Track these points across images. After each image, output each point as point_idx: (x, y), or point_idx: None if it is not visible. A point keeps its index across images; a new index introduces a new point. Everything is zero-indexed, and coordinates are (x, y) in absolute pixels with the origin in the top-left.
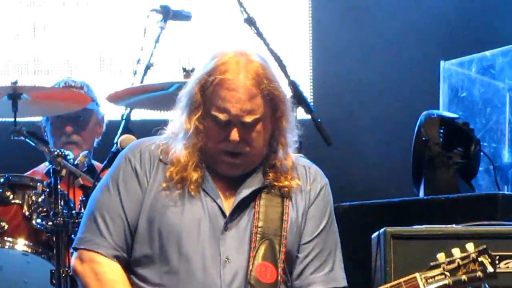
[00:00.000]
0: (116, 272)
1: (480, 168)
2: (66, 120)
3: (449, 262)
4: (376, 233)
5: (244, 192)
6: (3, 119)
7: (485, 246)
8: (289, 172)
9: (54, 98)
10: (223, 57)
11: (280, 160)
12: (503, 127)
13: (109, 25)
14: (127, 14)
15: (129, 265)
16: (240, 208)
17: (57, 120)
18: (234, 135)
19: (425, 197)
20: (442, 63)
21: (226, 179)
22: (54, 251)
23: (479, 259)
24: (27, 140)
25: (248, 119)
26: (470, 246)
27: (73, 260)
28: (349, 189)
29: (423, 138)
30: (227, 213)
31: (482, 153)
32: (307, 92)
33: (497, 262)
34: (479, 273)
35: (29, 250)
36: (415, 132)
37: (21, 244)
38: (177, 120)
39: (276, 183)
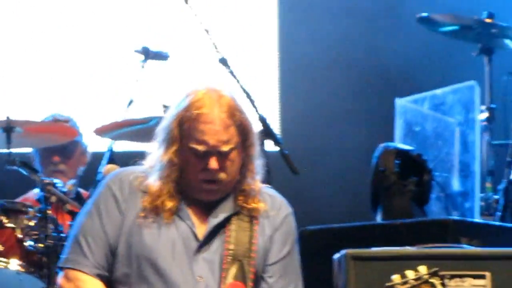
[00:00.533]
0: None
1: (432, 195)
2: (54, 151)
3: (403, 283)
4: (337, 255)
5: (218, 218)
6: None
7: (436, 269)
8: (257, 196)
9: (44, 131)
10: (197, 94)
11: (249, 185)
12: (452, 158)
13: (94, 63)
14: (110, 54)
15: (111, 283)
16: (213, 232)
17: (45, 151)
18: (213, 164)
19: (382, 222)
20: (397, 100)
21: (199, 205)
22: (45, 270)
23: (430, 280)
24: (19, 169)
25: (225, 148)
26: (422, 269)
27: (59, 279)
28: (314, 215)
29: (380, 169)
30: (200, 237)
31: (434, 182)
32: (276, 126)
33: (447, 280)
34: None
35: (22, 270)
36: (373, 163)
37: (15, 264)
38: (155, 153)
39: (245, 205)
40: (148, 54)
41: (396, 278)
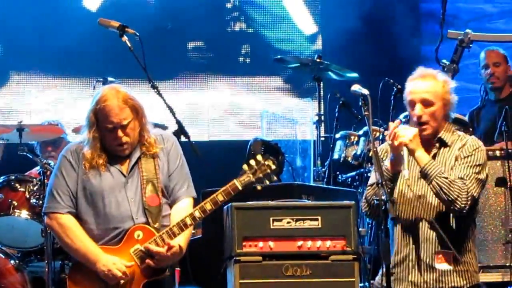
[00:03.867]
0: (71, 220)
1: (284, 169)
2: (48, 143)
3: (250, 169)
4: (226, 206)
5: (132, 161)
6: (13, 142)
7: (268, 155)
8: (152, 144)
9: (42, 131)
10: (102, 92)
11: (146, 139)
12: (296, 145)
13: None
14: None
15: (77, 215)
16: (132, 169)
17: (43, 143)
18: (120, 134)
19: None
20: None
21: (120, 157)
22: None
23: (266, 162)
24: (27, 154)
25: (125, 122)
26: (259, 157)
27: (45, 220)
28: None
29: (252, 152)
30: (125, 173)
31: (285, 160)
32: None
33: (291, 221)
34: (268, 170)
35: (29, 217)
36: (248, 149)
37: (25, 214)
38: (84, 133)
39: (147, 152)
40: (106, 83)
41: (245, 167)
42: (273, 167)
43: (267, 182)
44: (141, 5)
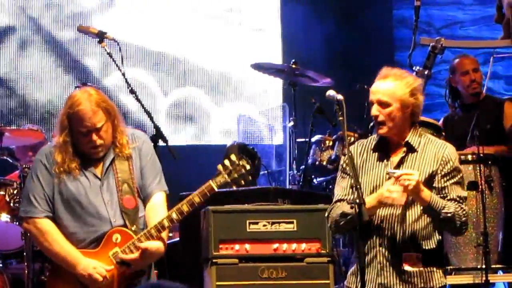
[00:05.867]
0: (49, 224)
1: (261, 173)
2: (29, 148)
3: (225, 169)
4: (203, 209)
5: (107, 162)
6: None
7: (242, 155)
8: (125, 145)
9: (22, 135)
10: (75, 96)
11: (119, 140)
12: (272, 150)
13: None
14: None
15: (55, 219)
16: (107, 171)
17: (24, 147)
18: (94, 137)
19: (232, 189)
20: (239, 114)
21: (94, 159)
22: None
23: (241, 162)
24: (7, 158)
25: (99, 125)
26: (233, 157)
27: (23, 225)
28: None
29: (228, 156)
30: (100, 176)
31: (262, 165)
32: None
33: (267, 223)
34: (243, 170)
35: (9, 220)
36: (225, 153)
37: (4, 217)
38: (56, 137)
39: (120, 153)
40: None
41: (219, 167)
42: (248, 167)
43: (242, 183)
44: None
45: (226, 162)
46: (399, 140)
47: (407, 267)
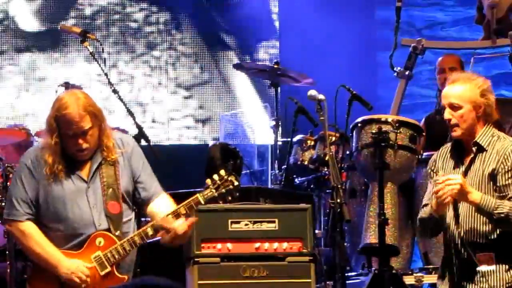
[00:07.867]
0: (31, 226)
1: (242, 172)
2: (12, 146)
3: (214, 184)
4: None
5: (93, 166)
6: None
7: (231, 169)
8: (111, 149)
9: (8, 134)
10: (62, 99)
11: (106, 143)
12: (254, 149)
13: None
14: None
15: (39, 221)
16: (93, 175)
17: (6, 146)
18: (80, 140)
19: None
20: (222, 114)
21: (80, 162)
22: None
23: (229, 178)
24: None
25: (86, 128)
26: (223, 172)
27: (6, 227)
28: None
29: (211, 156)
30: (86, 179)
31: (243, 164)
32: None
33: (249, 223)
34: (230, 186)
35: None
36: (207, 152)
37: None
38: (44, 139)
39: (107, 158)
40: (68, 87)
41: (208, 181)
42: (236, 183)
43: (229, 198)
44: None
45: (215, 176)
46: (469, 141)
47: (481, 267)
